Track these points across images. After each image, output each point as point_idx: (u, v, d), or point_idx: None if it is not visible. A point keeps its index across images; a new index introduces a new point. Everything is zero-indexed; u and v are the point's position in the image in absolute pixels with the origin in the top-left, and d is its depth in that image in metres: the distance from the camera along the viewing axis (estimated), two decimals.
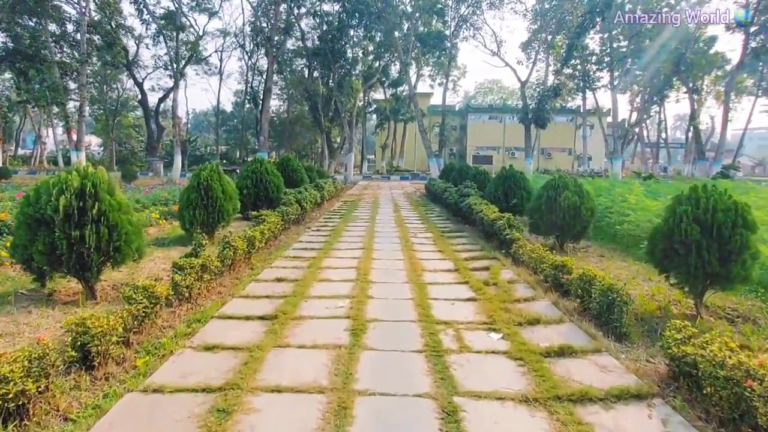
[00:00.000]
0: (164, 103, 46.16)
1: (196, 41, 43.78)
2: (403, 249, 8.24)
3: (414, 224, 11.55)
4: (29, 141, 72.72)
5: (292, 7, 30.55)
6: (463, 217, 11.73)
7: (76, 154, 28.82)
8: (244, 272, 6.43)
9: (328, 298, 5.27)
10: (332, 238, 9.25)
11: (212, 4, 39.36)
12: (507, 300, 5.19)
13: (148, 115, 45.76)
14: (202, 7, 38.87)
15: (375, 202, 17.52)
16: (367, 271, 6.52)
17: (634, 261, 7.45)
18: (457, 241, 9.16)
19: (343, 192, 21.81)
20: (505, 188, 11.70)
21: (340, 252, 7.94)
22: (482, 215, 9.39)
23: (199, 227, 8.21)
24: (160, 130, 47.52)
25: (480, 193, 12.17)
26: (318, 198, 13.67)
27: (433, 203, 17.46)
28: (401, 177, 40.13)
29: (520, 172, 12.05)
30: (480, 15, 29.99)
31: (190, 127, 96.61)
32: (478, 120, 63.41)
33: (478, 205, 10.20)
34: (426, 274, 6.44)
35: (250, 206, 11.70)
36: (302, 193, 11.47)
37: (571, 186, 8.08)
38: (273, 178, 11.86)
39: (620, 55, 31.80)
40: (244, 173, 11.78)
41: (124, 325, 3.72)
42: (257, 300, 5.16)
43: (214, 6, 39.39)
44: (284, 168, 15.21)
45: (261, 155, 28.33)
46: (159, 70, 48.21)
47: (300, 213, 11.02)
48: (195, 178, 8.29)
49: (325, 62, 30.45)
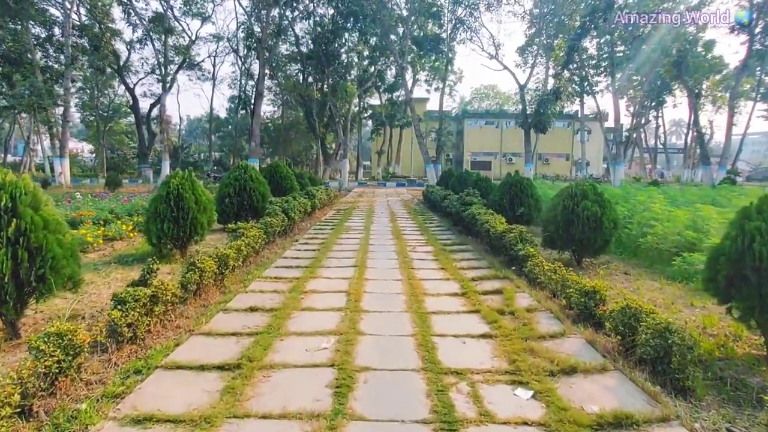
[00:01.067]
0: (156, 109, 45.17)
1: (189, 46, 43.04)
2: (400, 266, 7.27)
3: (412, 236, 10.58)
4: (21, 148, 71.41)
5: (285, 11, 29.69)
6: (465, 227, 10.78)
7: (60, 161, 27.75)
8: (213, 298, 5.44)
9: (310, 334, 4.28)
10: (321, 253, 8.25)
11: (205, 8, 38.60)
12: (530, 336, 4.22)
13: (140, 121, 44.77)
14: (195, 12, 38.14)
15: (370, 211, 16.55)
16: (359, 295, 5.53)
17: (667, 281, 6.50)
18: (460, 256, 8.19)
19: (336, 200, 20.84)
20: (511, 196, 10.76)
21: (329, 270, 6.95)
22: (488, 227, 8.43)
23: (169, 242, 7.22)
24: (151, 136, 46.48)
25: (483, 202, 11.23)
26: (308, 207, 12.69)
27: (431, 211, 16.51)
28: (397, 183, 39.22)
29: (527, 179, 11.13)
30: (477, 17, 29.28)
31: (185, 134, 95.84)
32: (474, 126, 62.76)
33: (483, 216, 9.25)
34: (428, 299, 5.46)
35: (233, 217, 10.71)
36: (289, 202, 10.49)
37: (591, 195, 7.14)
38: (258, 185, 10.87)
39: (620, 59, 31.13)
40: (226, 180, 10.80)
41: (24, 390, 2.73)
42: (221, 339, 4.17)
43: (207, 11, 38.63)
44: (272, 175, 14.23)
45: (252, 161, 27.38)
46: (151, 76, 47.35)
47: (287, 224, 10.04)
48: (164, 187, 7.30)
49: (318, 66, 29.55)
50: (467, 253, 8.41)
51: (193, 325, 4.46)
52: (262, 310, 4.96)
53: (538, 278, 5.93)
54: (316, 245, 9.16)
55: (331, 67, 28.25)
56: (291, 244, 9.25)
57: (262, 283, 6.15)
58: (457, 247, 9.10)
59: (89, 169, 60.03)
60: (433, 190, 17.72)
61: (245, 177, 10.77)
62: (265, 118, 63.85)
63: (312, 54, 28.86)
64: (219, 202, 10.71)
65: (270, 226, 8.80)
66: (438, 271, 7.01)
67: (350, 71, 41.28)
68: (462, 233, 10.94)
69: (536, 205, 10.75)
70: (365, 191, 30.22)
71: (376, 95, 50.82)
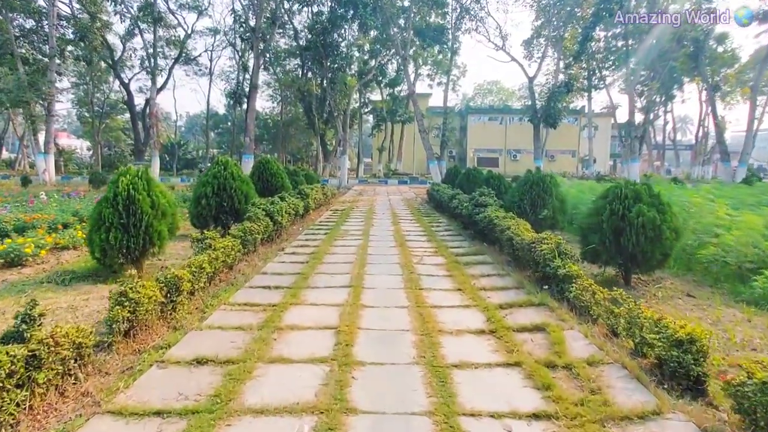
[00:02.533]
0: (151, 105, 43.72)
1: (184, 39, 41.62)
2: (406, 286, 5.82)
3: (418, 243, 9.14)
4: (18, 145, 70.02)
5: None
6: (479, 232, 9.32)
7: (44, 157, 26.34)
8: (156, 337, 4.01)
9: (274, 413, 2.85)
10: (310, 267, 6.81)
11: (200, 1, 37.12)
12: (608, 416, 2.78)
13: (135, 117, 43.45)
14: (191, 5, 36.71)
15: (370, 211, 15.10)
16: (352, 335, 4.10)
17: (747, 306, 5.06)
18: (478, 270, 6.74)
19: (334, 199, 19.40)
20: (532, 197, 9.29)
21: (317, 293, 5.51)
22: (511, 234, 6.98)
23: (118, 256, 5.79)
24: (147, 133, 45.06)
25: (499, 203, 9.77)
26: (300, 208, 11.24)
27: (437, 212, 15.06)
28: (399, 181, 37.75)
29: (551, 176, 9.65)
30: (483, 6, 27.71)
31: (184, 131, 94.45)
32: (478, 121, 61.27)
33: (503, 221, 7.80)
34: (446, 340, 4.02)
35: (211, 220, 9.27)
36: (276, 204, 9.03)
37: (645, 197, 5.69)
38: (240, 184, 9.42)
39: (632, 53, 29.61)
40: (203, 179, 9.34)
41: None
42: (137, 422, 2.74)
43: (202, 3, 37.14)
44: (261, 172, 12.77)
45: (246, 158, 25.95)
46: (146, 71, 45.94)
47: (272, 230, 8.59)
48: (111, 188, 5.86)
49: (316, 57, 28.01)
50: (485, 267, 6.96)
51: (104, 395, 3.02)
52: (214, 362, 3.53)
53: (589, 308, 4.49)
54: (306, 255, 7.71)
55: (329, 58, 26.70)
56: (275, 254, 7.81)
57: (227, 313, 4.71)
58: (472, 257, 7.64)
59: (86, 166, 58.76)
60: (438, 188, 16.27)
61: (225, 174, 9.31)
62: (264, 114, 62.47)
63: (310, 45, 27.28)
64: (194, 204, 9.29)
65: (249, 233, 7.37)
66: (453, 293, 5.56)
67: (350, 64, 39.75)
68: (475, 239, 9.49)
69: (561, 207, 9.28)
70: (366, 189, 28.77)
71: (377, 91, 49.30)
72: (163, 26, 28.32)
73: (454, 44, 29.60)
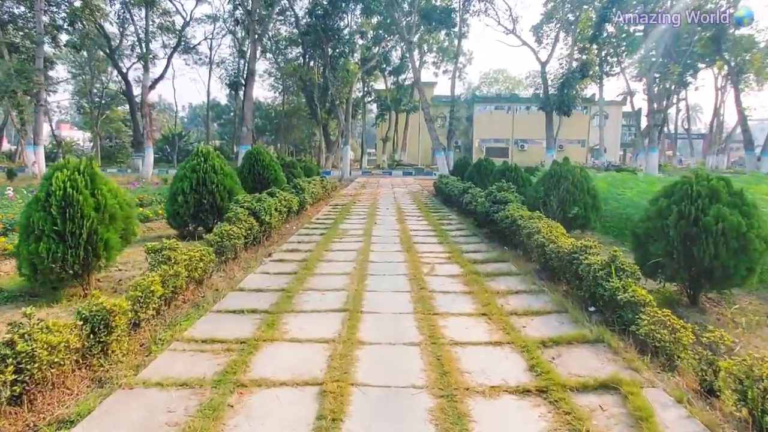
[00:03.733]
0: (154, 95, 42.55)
1: (183, 27, 40.36)
2: (416, 310, 4.59)
3: (428, 246, 7.90)
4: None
5: None
6: (497, 233, 8.08)
7: (33, 149, 25.18)
8: (65, 402, 2.82)
9: None
10: (298, 281, 5.60)
11: None
12: None
13: (134, 108, 42.16)
14: None
15: (373, 206, 13.87)
16: (343, 401, 2.88)
17: None
18: (504, 284, 5.50)
19: (335, 192, 18.16)
20: (560, 192, 8.02)
21: (301, 322, 4.29)
22: (542, 240, 5.74)
23: (53, 271, 4.60)
24: (152, 124, 43.86)
25: (520, 199, 8.50)
26: (294, 204, 10.02)
27: (446, 207, 13.81)
28: (404, 172, 36.47)
29: (582, 169, 8.35)
30: None
31: (187, 122, 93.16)
32: (484, 111, 59.69)
33: (530, 221, 6.54)
34: (478, 408, 2.80)
35: (190, 219, 8.09)
36: (263, 201, 7.80)
37: (724, 196, 4.42)
38: (223, 178, 8.21)
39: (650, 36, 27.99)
40: (180, 173, 8.13)
41: None
42: None
43: None
44: (252, 164, 11.55)
45: (243, 149, 24.68)
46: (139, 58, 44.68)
47: (257, 231, 7.38)
48: (44, 186, 4.67)
49: (317, 42, 26.57)
50: (512, 279, 5.72)
51: None
52: None
53: (671, 354, 3.26)
54: (295, 264, 6.50)
55: (330, 43, 25.25)
56: (260, 262, 6.61)
57: (178, 356, 3.51)
58: (493, 266, 6.40)
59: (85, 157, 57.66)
60: (447, 181, 14.99)
61: (205, 167, 8.10)
62: (266, 104, 61.13)
63: (309, 29, 25.84)
64: (170, 201, 8.10)
65: (227, 237, 6.16)
66: (477, 319, 4.33)
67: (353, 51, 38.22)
68: (493, 240, 8.26)
69: (594, 203, 8.00)
70: (369, 181, 27.51)
71: (380, 80, 47.81)
72: (156, 12, 26.89)
73: (462, 28, 28.05)
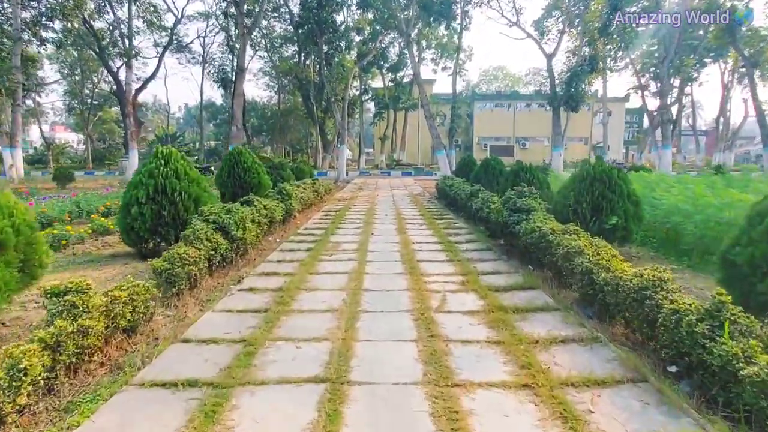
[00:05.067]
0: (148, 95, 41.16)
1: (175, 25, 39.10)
2: (426, 378, 3.20)
3: (436, 265, 6.52)
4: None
5: None
6: (517, 246, 6.71)
7: (10, 151, 23.78)
8: None
9: None
10: (266, 327, 4.20)
11: None
12: None
13: (125, 108, 40.77)
14: None
15: (370, 212, 12.48)
16: None
17: None
18: (541, 326, 4.11)
19: (329, 195, 16.76)
20: (594, 198, 6.64)
21: (259, 403, 2.91)
22: (590, 266, 4.36)
23: None
24: (138, 125, 42.40)
25: (546, 206, 7.12)
26: (277, 213, 8.61)
27: (451, 212, 12.45)
28: (403, 172, 35.11)
29: (619, 170, 6.96)
30: None
31: (182, 123, 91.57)
32: (484, 108, 58.43)
33: (566, 238, 5.16)
34: None
35: (148, 234, 6.70)
36: (234, 213, 6.41)
37: None
38: (188, 185, 6.82)
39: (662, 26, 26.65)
40: (135, 179, 6.72)
41: None
42: None
43: None
44: (232, 167, 10.15)
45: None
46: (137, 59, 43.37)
47: (227, 249, 5.99)
48: None
49: (309, 35, 25.13)
50: (550, 318, 4.34)
51: None
52: None
53: None
54: (269, 295, 5.11)
55: (324, 36, 23.83)
56: (225, 292, 5.22)
57: None
58: (521, 296, 5.01)
59: (79, 160, 56.29)
60: (452, 183, 13.60)
61: (166, 172, 6.71)
62: (262, 104, 59.71)
63: (301, 21, 24.39)
64: (123, 213, 6.71)
65: (181, 263, 4.78)
66: (519, 397, 2.94)
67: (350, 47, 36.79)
68: (511, 254, 6.91)
69: (636, 212, 6.62)
70: (367, 182, 26.12)
71: (378, 78, 46.46)
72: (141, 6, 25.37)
73: (464, 20, 26.66)
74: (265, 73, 53.71)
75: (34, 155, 54.52)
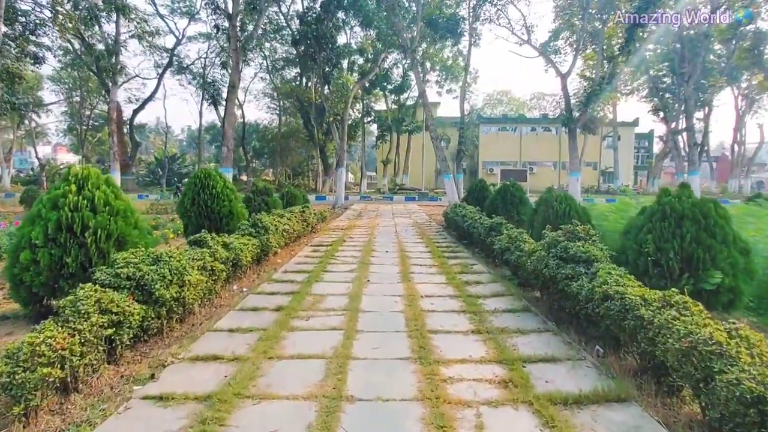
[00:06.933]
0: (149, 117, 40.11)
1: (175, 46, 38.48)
2: None
3: (457, 342, 4.49)
4: (16, 160, 66.76)
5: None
6: (576, 314, 4.68)
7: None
8: None
9: None
10: None
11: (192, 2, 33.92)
12: None
13: (122, 129, 39.50)
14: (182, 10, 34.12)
15: (368, 248, 10.46)
16: None
17: None
18: None
19: (323, 224, 14.77)
20: (684, 244, 4.64)
21: None
22: (751, 385, 2.34)
23: None
24: (134, 146, 40.93)
25: (607, 251, 5.10)
26: (245, 256, 6.59)
27: (464, 247, 10.44)
28: (407, 197, 33.16)
29: (716, 203, 4.94)
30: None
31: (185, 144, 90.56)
32: (489, 132, 56.99)
33: (673, 318, 3.14)
34: None
35: (45, 291, 4.71)
36: (165, 262, 4.42)
37: None
38: (110, 221, 4.86)
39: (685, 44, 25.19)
40: (33, 212, 4.76)
41: None
42: None
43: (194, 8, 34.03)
44: (196, 193, 8.18)
45: (225, 172, 21.42)
46: (136, 80, 42.52)
47: (144, 320, 3.97)
48: None
49: (307, 51, 23.61)
50: None
51: None
52: None
53: None
54: (183, 414, 3.08)
55: (323, 52, 22.30)
56: (118, 402, 3.20)
57: None
58: (614, 419, 2.98)
59: None
60: (464, 212, 11.62)
61: (78, 201, 4.76)
62: (263, 126, 58.55)
63: (300, 36, 22.86)
64: (11, 259, 4.74)
65: (33, 363, 2.77)
66: None
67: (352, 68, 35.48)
68: (559, 319, 4.88)
69: (745, 265, 4.60)
70: (366, 208, 24.18)
71: (381, 100, 45.17)
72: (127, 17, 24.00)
73: (472, 37, 25.15)
74: (266, 95, 52.75)
75: (30, 176, 53.41)
